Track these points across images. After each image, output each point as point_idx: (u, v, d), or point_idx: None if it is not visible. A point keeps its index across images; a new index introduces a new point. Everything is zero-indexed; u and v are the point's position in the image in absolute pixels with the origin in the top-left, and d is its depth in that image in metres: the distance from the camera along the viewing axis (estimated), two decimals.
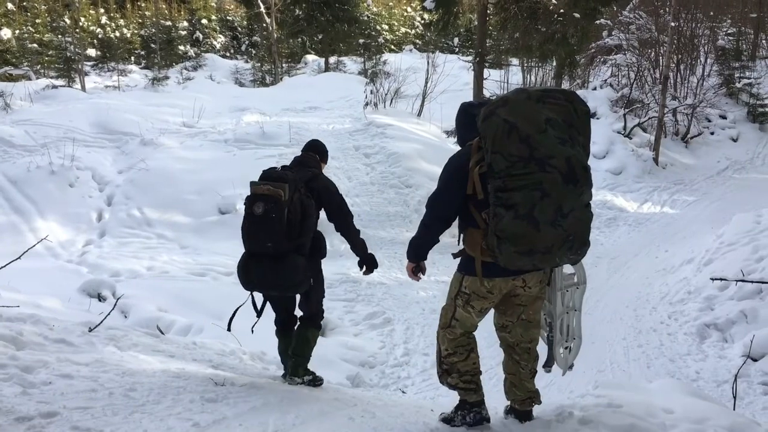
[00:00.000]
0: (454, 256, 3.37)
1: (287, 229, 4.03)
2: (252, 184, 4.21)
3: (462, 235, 3.29)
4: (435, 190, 3.29)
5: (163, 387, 3.79)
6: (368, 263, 4.79)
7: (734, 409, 4.55)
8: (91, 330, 5.07)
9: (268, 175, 4.29)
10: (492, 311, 3.43)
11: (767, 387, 6.89)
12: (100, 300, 8.68)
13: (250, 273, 4.20)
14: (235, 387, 4.08)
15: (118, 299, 7.52)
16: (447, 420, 3.59)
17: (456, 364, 3.37)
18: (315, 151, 4.87)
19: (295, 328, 4.65)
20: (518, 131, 2.83)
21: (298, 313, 4.81)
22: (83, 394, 3.53)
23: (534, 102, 2.91)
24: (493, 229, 2.92)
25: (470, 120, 3.21)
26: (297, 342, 4.57)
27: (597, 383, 3.93)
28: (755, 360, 7.31)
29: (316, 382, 4.74)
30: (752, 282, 8.32)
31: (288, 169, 4.47)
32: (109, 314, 5.69)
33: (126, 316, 8.20)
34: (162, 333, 6.49)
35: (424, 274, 3.68)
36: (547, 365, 3.50)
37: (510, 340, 3.40)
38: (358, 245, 4.74)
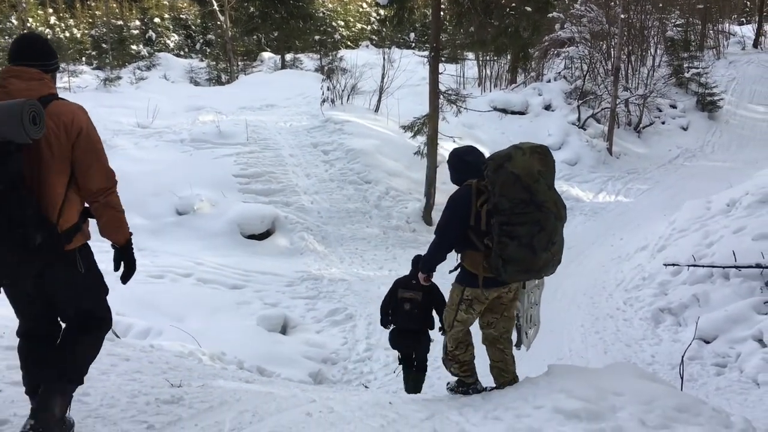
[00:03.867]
0: (451, 271, 4.22)
1: (422, 317, 6.13)
2: (399, 291, 6.29)
3: (461, 255, 4.10)
4: (442, 220, 4.08)
5: (118, 390, 3.74)
6: None
7: (682, 390, 4.67)
8: None
9: (408, 284, 6.29)
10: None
11: (720, 368, 7.08)
12: None
13: (399, 341, 6.32)
14: (191, 388, 4.04)
15: None
16: (452, 390, 4.55)
17: (458, 356, 4.30)
18: None
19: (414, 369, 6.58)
20: (521, 181, 3.68)
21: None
22: None
23: (528, 156, 3.76)
24: (498, 253, 3.72)
25: (465, 166, 4.11)
26: (417, 381, 6.52)
27: (550, 369, 4.01)
28: (708, 342, 7.50)
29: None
30: (703, 266, 8.54)
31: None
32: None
33: None
34: (117, 336, 6.39)
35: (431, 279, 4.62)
36: (517, 345, 4.41)
37: (494, 333, 4.26)
38: None
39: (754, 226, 8.67)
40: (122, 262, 3.00)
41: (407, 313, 6.03)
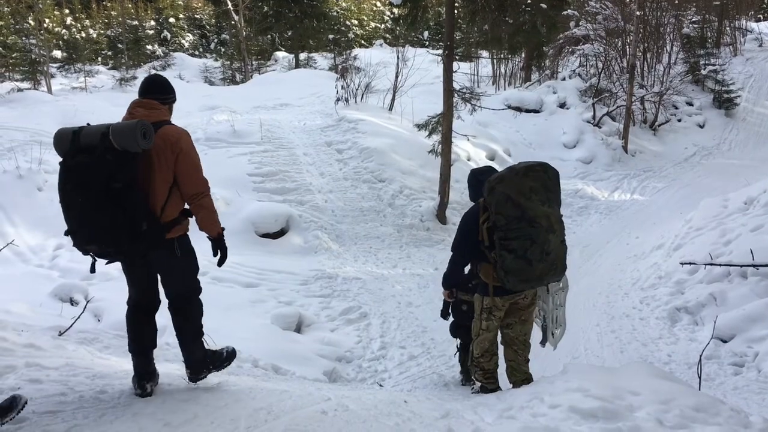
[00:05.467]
0: (471, 284, 4.91)
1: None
2: (459, 293, 5.95)
3: (477, 267, 4.59)
4: (456, 238, 4.61)
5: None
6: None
7: (699, 389, 4.64)
8: (60, 334, 5.02)
9: (466, 287, 5.88)
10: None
11: (737, 367, 7.02)
12: (72, 304, 8.55)
13: (459, 333, 6.27)
14: (207, 386, 4.06)
15: (87, 302, 7.42)
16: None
17: (482, 363, 4.73)
18: None
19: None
20: (512, 200, 4.10)
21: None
22: (53, 398, 3.49)
23: (521, 176, 4.16)
24: (500, 265, 4.20)
25: (478, 183, 4.59)
26: None
27: (566, 368, 3.99)
28: (725, 341, 7.44)
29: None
30: (720, 265, 8.46)
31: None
32: (78, 318, 5.62)
33: (99, 320, 8.10)
34: None
35: (454, 296, 5.27)
36: (542, 343, 4.89)
37: (511, 334, 4.70)
38: None
39: None
40: (218, 251, 3.87)
41: (464, 312, 6.36)
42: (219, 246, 3.86)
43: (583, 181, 15.93)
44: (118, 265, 3.67)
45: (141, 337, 3.80)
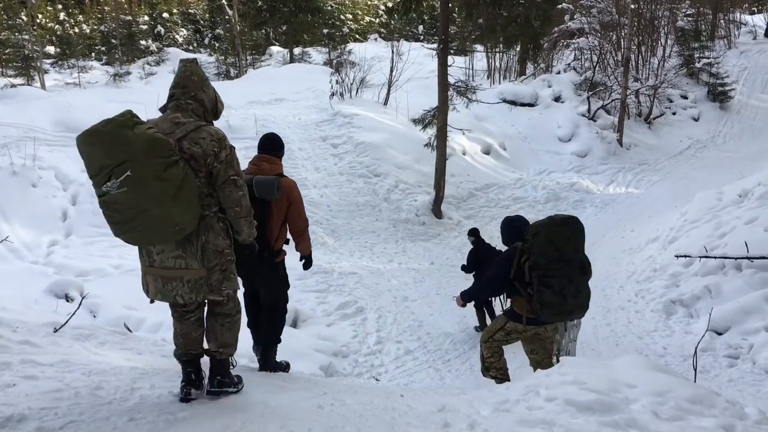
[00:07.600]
0: (505, 311, 5.43)
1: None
2: None
3: (510, 299, 5.23)
4: (492, 272, 5.31)
5: (131, 384, 3.76)
6: None
7: (695, 382, 4.66)
8: (56, 330, 5.00)
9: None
10: (521, 345, 5.53)
11: (732, 359, 7.06)
12: (67, 300, 8.53)
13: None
14: (204, 381, 4.05)
15: (83, 299, 7.40)
16: None
17: (493, 363, 5.36)
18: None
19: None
20: (554, 244, 4.76)
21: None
22: (49, 394, 3.48)
23: (560, 225, 4.85)
24: (537, 299, 4.81)
25: (514, 231, 5.24)
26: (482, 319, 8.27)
27: (561, 362, 4.00)
28: (720, 334, 7.47)
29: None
30: (715, 258, 8.50)
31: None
32: (74, 314, 5.60)
33: (95, 316, 8.08)
34: (130, 331, 6.41)
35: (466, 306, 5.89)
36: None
37: (537, 359, 5.38)
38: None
39: (766, 217, 8.63)
40: (305, 261, 5.05)
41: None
42: (309, 259, 5.06)
43: (579, 175, 15.94)
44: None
45: (255, 316, 4.99)
